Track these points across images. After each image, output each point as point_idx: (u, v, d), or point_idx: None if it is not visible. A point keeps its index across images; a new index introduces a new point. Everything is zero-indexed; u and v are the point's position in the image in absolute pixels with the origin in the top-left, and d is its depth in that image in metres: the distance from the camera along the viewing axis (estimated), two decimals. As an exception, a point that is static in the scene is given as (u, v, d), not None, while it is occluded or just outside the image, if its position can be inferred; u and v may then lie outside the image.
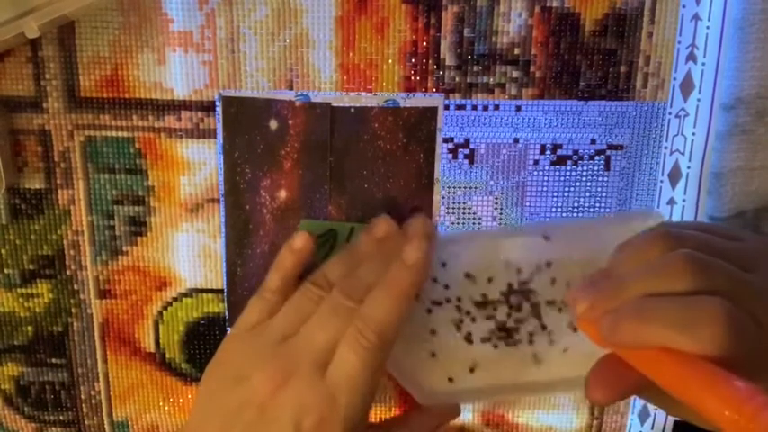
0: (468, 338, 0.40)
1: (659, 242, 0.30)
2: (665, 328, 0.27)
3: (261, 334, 0.35)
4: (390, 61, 0.37)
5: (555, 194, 0.39)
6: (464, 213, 0.39)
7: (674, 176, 0.38)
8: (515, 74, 0.37)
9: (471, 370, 0.40)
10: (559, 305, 0.39)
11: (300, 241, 0.37)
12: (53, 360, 0.41)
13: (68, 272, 0.40)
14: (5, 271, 0.40)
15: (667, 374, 0.27)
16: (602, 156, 0.38)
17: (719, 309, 0.26)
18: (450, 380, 0.40)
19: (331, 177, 0.38)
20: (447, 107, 0.38)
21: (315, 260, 0.38)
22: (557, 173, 0.39)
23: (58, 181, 0.39)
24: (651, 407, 0.41)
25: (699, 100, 0.37)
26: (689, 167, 0.38)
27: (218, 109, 0.38)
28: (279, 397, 0.33)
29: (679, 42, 0.37)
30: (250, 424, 0.33)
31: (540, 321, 0.39)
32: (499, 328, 0.40)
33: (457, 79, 0.37)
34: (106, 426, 0.43)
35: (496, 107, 0.38)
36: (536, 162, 0.38)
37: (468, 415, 0.43)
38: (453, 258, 0.39)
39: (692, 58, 0.37)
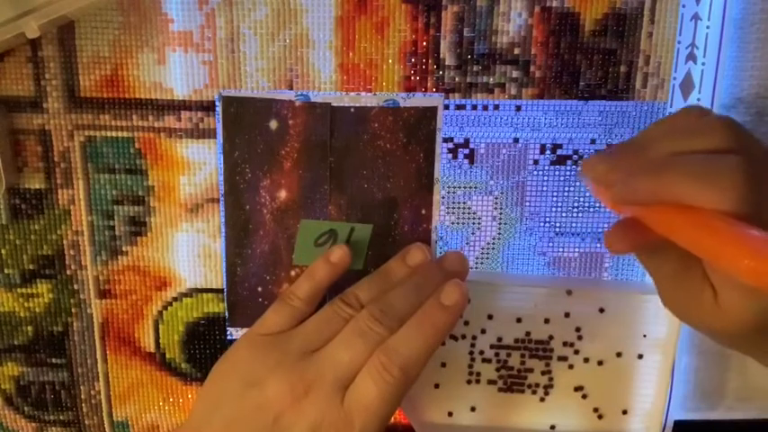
0: (476, 378, 0.40)
1: (693, 111, 0.29)
2: (684, 180, 0.26)
3: (283, 342, 0.35)
4: (390, 61, 0.37)
5: (555, 194, 0.39)
6: (464, 213, 0.39)
7: (674, 176, 0.38)
8: (515, 74, 0.37)
9: (472, 409, 0.40)
10: (571, 362, 0.40)
11: (338, 254, 0.37)
12: (53, 360, 0.41)
13: (68, 272, 0.40)
14: (5, 271, 0.40)
15: (685, 230, 0.26)
16: (602, 156, 0.38)
17: (741, 164, 0.25)
18: (450, 414, 0.40)
19: (331, 177, 0.38)
20: (447, 107, 0.38)
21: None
22: (557, 173, 0.39)
23: (58, 181, 0.39)
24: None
25: (699, 100, 0.37)
26: (689, 167, 0.38)
27: (218, 109, 0.38)
28: (296, 409, 0.33)
29: (679, 42, 0.37)
30: (260, 430, 0.33)
31: (549, 374, 0.40)
32: (508, 374, 0.40)
33: (457, 79, 0.37)
34: (106, 426, 0.43)
35: (496, 107, 0.38)
36: (536, 162, 0.38)
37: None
38: (479, 297, 0.39)
39: (691, 57, 0.37)
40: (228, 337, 0.41)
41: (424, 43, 0.37)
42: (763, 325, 0.26)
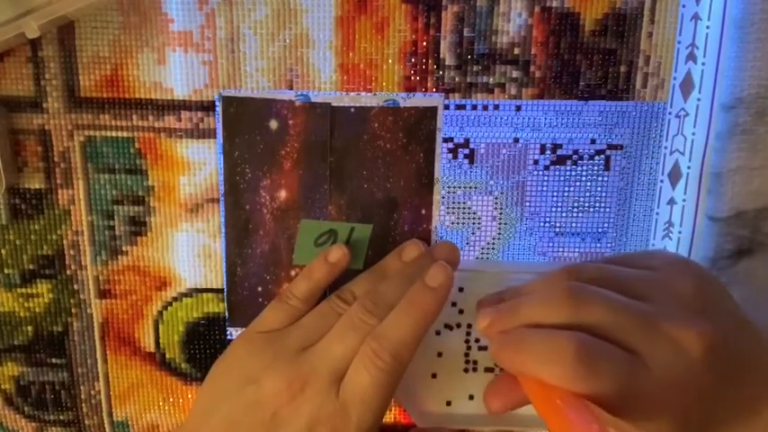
0: (473, 366, 0.40)
1: (561, 273, 0.32)
2: (531, 360, 0.29)
3: (280, 339, 0.35)
4: (390, 61, 0.37)
5: (555, 194, 0.39)
6: (464, 213, 0.39)
7: (674, 176, 0.38)
8: (515, 74, 0.37)
9: (471, 397, 0.40)
10: None
11: (336, 254, 0.37)
12: (53, 360, 0.41)
13: (68, 272, 0.40)
14: (5, 271, 0.40)
15: (533, 397, 0.30)
16: (602, 156, 0.38)
17: (571, 345, 0.28)
18: (449, 403, 0.40)
19: (331, 177, 0.38)
20: (447, 107, 0.38)
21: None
22: (557, 173, 0.39)
23: (58, 181, 0.39)
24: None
25: (699, 100, 0.37)
26: (689, 167, 0.38)
27: (218, 109, 0.38)
28: (293, 405, 0.33)
29: (679, 42, 0.37)
30: (258, 427, 0.33)
31: None
32: None
33: (457, 79, 0.37)
34: (106, 426, 0.43)
35: (496, 107, 0.38)
36: (536, 162, 0.38)
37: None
38: (471, 285, 0.39)
39: (691, 57, 0.37)
40: (228, 337, 0.41)
41: (424, 43, 0.37)
42: None
